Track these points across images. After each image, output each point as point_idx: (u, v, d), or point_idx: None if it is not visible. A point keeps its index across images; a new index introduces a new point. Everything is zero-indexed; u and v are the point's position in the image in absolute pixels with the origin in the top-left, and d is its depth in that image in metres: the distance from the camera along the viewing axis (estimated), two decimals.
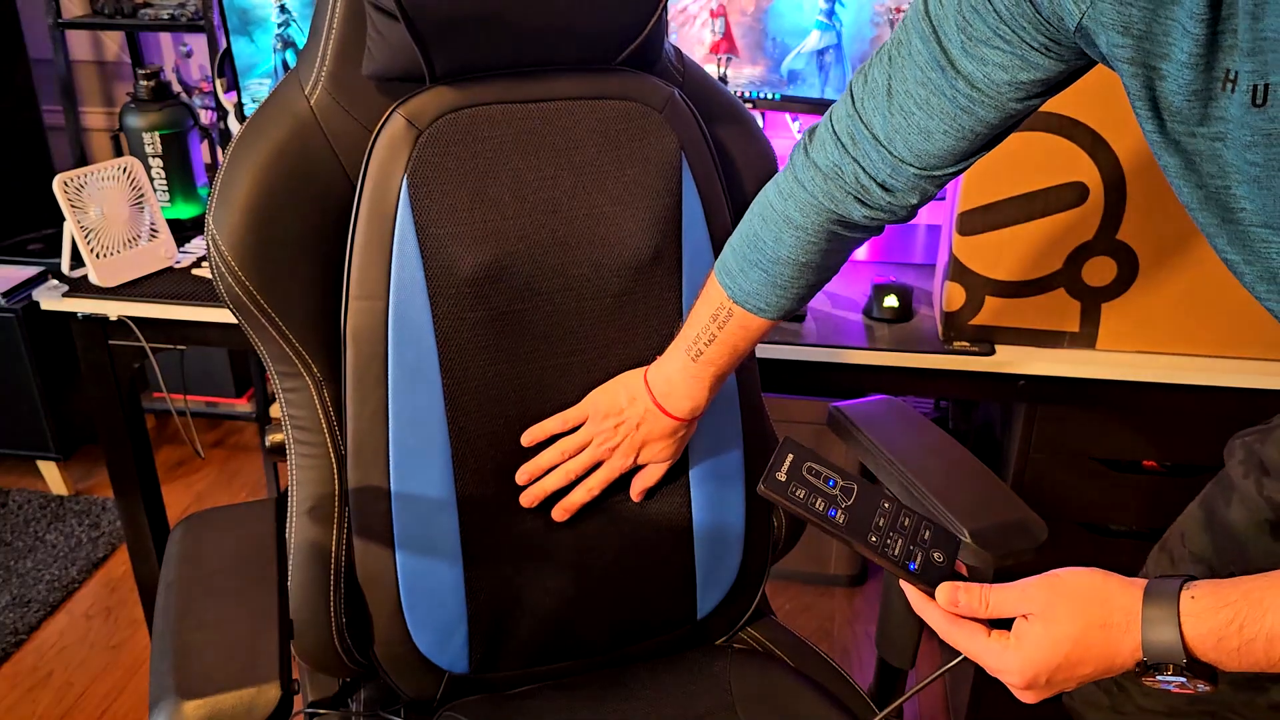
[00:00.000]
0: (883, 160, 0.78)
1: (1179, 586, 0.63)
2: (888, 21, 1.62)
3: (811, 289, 0.90)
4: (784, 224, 0.86)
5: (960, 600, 0.69)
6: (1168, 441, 1.38)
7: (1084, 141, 1.22)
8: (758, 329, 0.92)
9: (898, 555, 0.70)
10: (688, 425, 0.97)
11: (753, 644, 1.13)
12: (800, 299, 0.90)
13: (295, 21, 1.61)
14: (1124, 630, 0.64)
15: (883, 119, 0.77)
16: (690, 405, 0.95)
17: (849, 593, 2.09)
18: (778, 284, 0.88)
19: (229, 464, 2.52)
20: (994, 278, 1.31)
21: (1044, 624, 0.66)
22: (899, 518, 0.72)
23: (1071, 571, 0.67)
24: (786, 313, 0.91)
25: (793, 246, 0.86)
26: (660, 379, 0.95)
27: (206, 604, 0.82)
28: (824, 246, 0.86)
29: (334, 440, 0.93)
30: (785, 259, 0.86)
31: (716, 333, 0.91)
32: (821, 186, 0.83)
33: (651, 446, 0.97)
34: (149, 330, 1.51)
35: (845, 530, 0.71)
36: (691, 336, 0.93)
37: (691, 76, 1.02)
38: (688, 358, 0.93)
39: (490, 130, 0.91)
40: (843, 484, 0.73)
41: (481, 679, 1.03)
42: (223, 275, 0.86)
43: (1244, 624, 0.61)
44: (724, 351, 0.92)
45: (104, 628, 1.99)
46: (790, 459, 0.73)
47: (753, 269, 0.88)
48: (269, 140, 0.87)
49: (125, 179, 1.54)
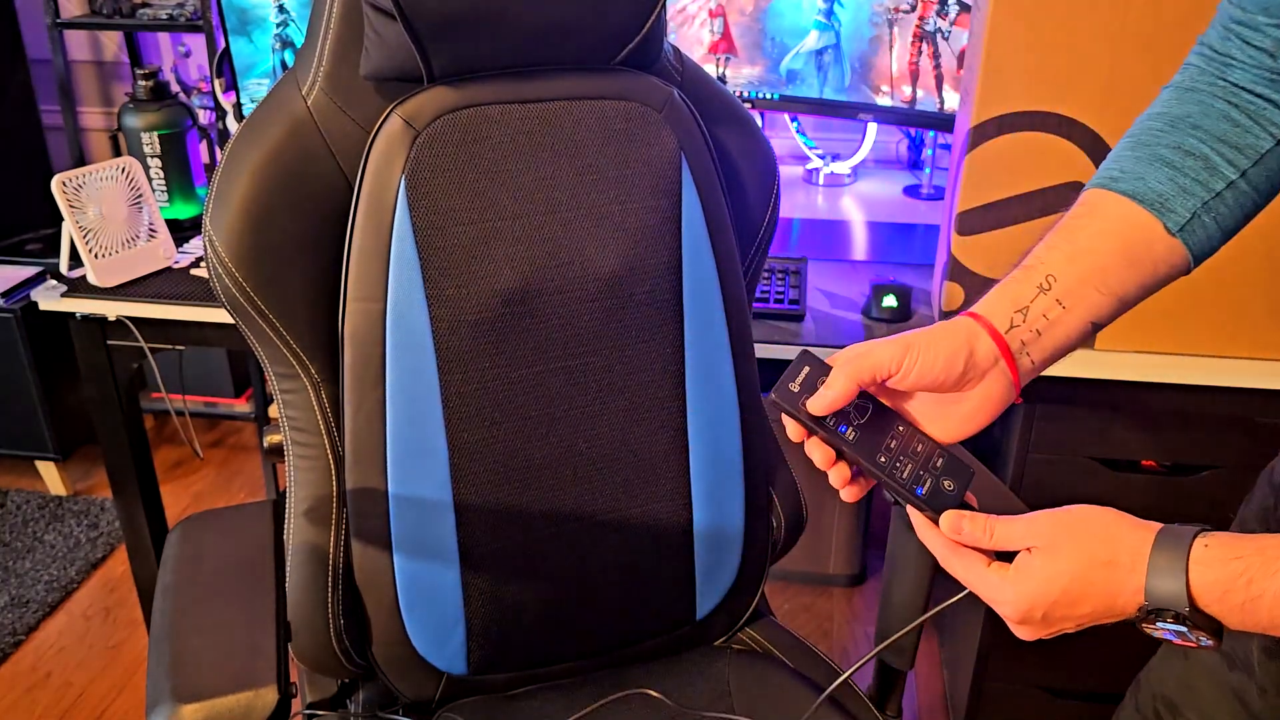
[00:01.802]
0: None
1: (1194, 533, 0.61)
2: (886, 21, 1.62)
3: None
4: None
5: (964, 528, 0.67)
6: (1167, 441, 1.38)
7: (1083, 141, 1.22)
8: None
9: (906, 479, 0.68)
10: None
11: (752, 644, 1.13)
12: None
13: (294, 21, 1.60)
14: (1128, 570, 0.61)
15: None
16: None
17: (848, 593, 2.09)
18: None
19: (228, 464, 2.52)
20: (992, 277, 1.30)
21: (1045, 557, 0.64)
22: (912, 442, 0.69)
23: (1083, 508, 0.65)
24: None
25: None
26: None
27: (204, 606, 0.82)
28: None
29: (332, 442, 0.93)
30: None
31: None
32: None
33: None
34: (147, 330, 1.51)
35: (854, 447, 0.68)
36: None
37: (690, 76, 1.02)
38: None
39: (489, 130, 0.91)
40: (858, 402, 0.69)
41: (480, 680, 1.03)
42: (220, 276, 0.86)
43: (1252, 579, 0.59)
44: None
45: (103, 628, 1.99)
46: (806, 371, 0.69)
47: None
48: (266, 141, 0.87)
49: (124, 179, 1.54)
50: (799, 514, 1.13)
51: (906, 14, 1.60)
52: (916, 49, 1.62)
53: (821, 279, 1.53)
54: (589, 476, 0.99)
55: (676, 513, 1.03)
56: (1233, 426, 1.34)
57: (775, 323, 1.40)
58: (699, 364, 1.00)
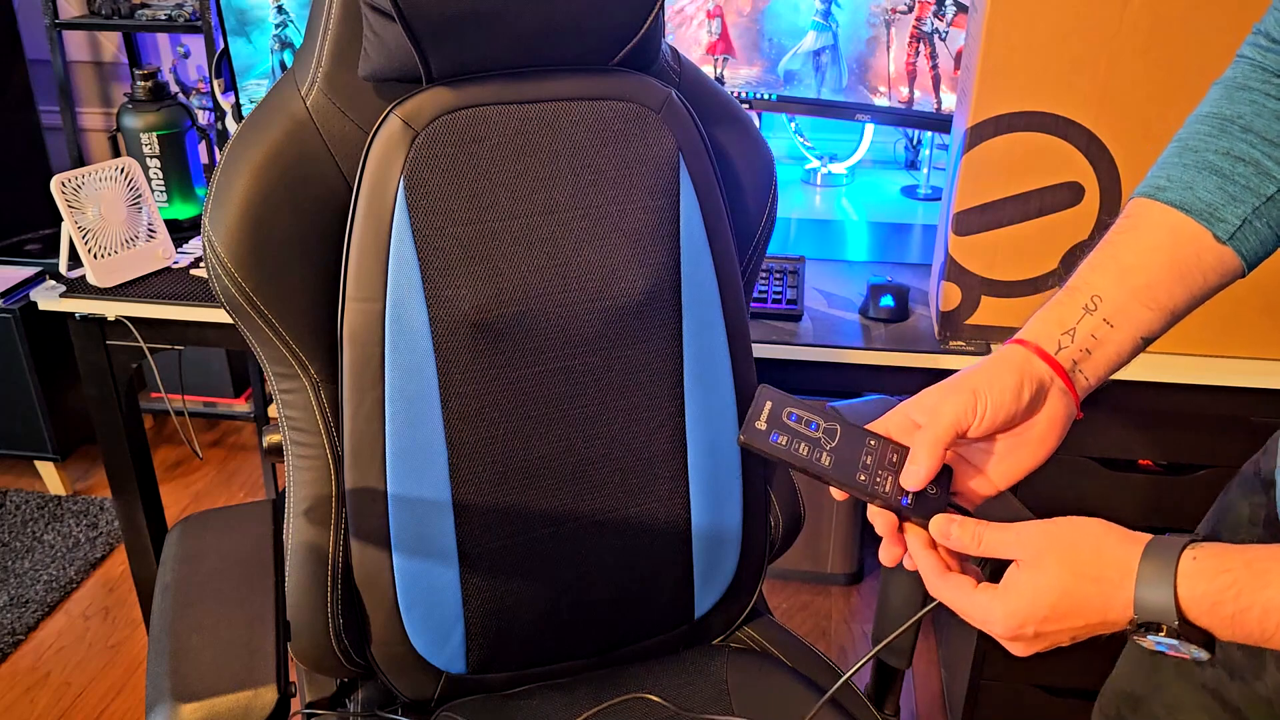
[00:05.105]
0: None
1: (1182, 546, 0.60)
2: (883, 22, 1.62)
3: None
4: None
5: (953, 534, 0.66)
6: (1164, 440, 1.38)
7: (1080, 142, 1.23)
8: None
9: (889, 492, 0.68)
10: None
11: (750, 643, 1.13)
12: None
13: (293, 22, 1.61)
14: (1116, 585, 0.61)
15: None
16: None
17: (846, 591, 2.09)
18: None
19: (227, 464, 2.52)
20: (990, 277, 1.31)
21: (1031, 572, 0.63)
22: (886, 454, 0.69)
23: (1071, 520, 0.65)
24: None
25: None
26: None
27: (204, 606, 0.82)
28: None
29: (331, 442, 0.93)
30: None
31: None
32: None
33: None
34: (147, 330, 1.51)
35: (833, 472, 0.68)
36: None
37: (688, 77, 1.02)
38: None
39: (487, 131, 0.91)
40: (825, 426, 0.69)
41: (479, 679, 1.03)
42: (219, 276, 0.87)
43: (1241, 591, 0.58)
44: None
45: (102, 628, 1.99)
46: (769, 406, 0.70)
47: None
48: (265, 141, 0.87)
49: (123, 179, 1.54)
50: (797, 513, 1.14)
51: (904, 15, 1.61)
52: (914, 50, 1.62)
53: (819, 279, 1.53)
54: (587, 476, 0.99)
55: (675, 512, 1.03)
56: (1229, 426, 1.34)
57: (773, 323, 1.40)
58: (697, 364, 1.01)
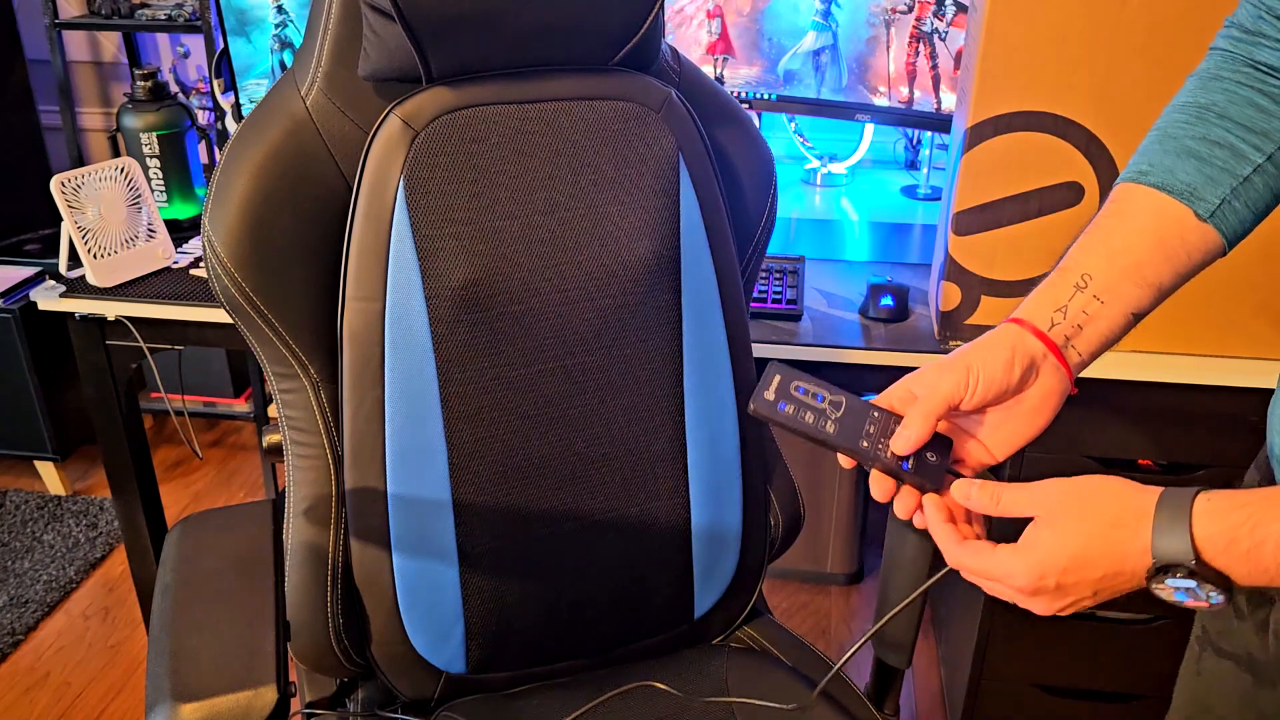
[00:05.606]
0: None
1: (1196, 491, 0.62)
2: (883, 22, 1.63)
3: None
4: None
5: (973, 495, 0.69)
6: (1164, 440, 1.38)
7: (1079, 141, 1.23)
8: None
9: (890, 458, 0.71)
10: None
11: (750, 642, 1.13)
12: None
13: (292, 22, 1.61)
14: (1133, 531, 0.63)
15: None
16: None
17: (846, 591, 2.09)
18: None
19: (227, 464, 2.52)
20: (990, 277, 1.31)
21: (1050, 526, 0.65)
22: (888, 425, 0.73)
23: (1086, 477, 0.67)
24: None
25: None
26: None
27: (203, 606, 0.82)
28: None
29: (331, 441, 0.93)
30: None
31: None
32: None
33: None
34: (146, 330, 1.51)
35: (837, 439, 0.72)
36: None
37: (688, 77, 1.02)
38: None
39: (487, 131, 0.91)
40: (831, 398, 0.74)
41: (479, 679, 1.03)
42: (219, 276, 0.87)
43: (1257, 524, 0.60)
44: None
45: (102, 628, 1.99)
46: (778, 379, 0.74)
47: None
48: (265, 141, 0.87)
49: (123, 179, 1.54)
50: (796, 513, 1.14)
51: (904, 15, 1.61)
52: (914, 49, 1.62)
53: (819, 279, 1.53)
54: (587, 476, 1.00)
55: (675, 512, 1.03)
56: (1228, 425, 1.34)
57: (773, 322, 1.40)
58: (697, 363, 1.01)
